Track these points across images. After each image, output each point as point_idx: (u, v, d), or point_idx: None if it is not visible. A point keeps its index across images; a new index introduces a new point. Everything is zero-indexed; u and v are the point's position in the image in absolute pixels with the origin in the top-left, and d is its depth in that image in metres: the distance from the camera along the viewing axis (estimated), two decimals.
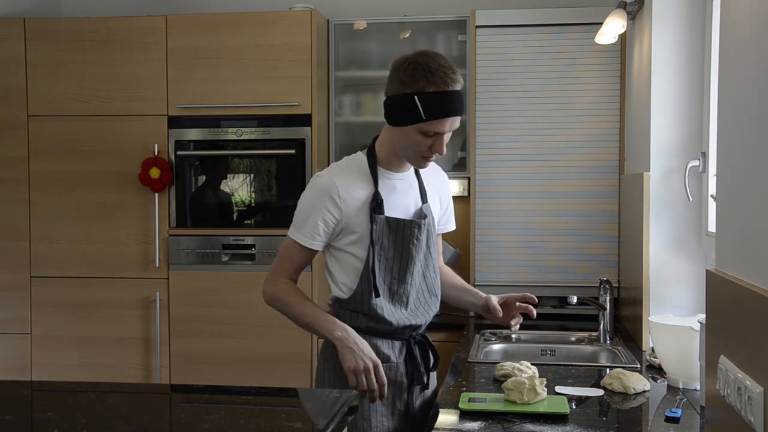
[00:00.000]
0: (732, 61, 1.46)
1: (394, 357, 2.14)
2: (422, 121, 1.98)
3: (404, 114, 2.00)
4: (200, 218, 3.62)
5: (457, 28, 3.69)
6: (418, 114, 1.97)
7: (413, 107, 1.97)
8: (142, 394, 1.97)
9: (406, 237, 2.12)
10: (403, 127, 2.02)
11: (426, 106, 1.97)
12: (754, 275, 1.30)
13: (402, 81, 2.00)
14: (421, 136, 2.01)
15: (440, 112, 1.97)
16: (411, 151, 2.06)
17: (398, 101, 2.01)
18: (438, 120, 1.98)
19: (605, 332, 2.86)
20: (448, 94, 1.98)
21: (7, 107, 3.63)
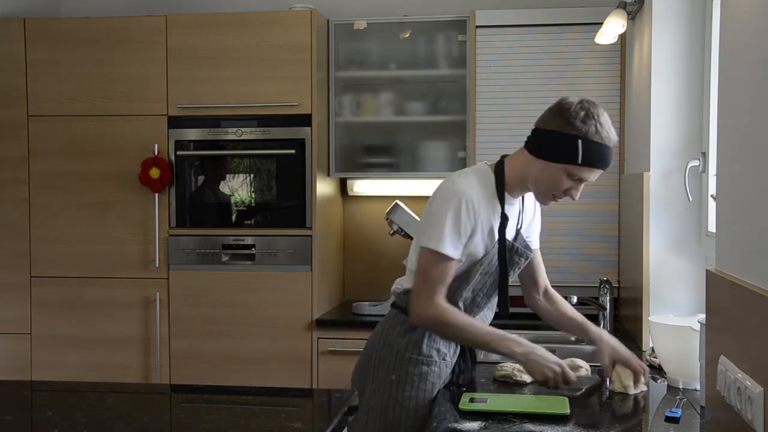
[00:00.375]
0: (732, 61, 1.46)
1: (449, 356, 2.22)
2: (575, 164, 2.04)
3: (559, 152, 2.05)
4: (200, 218, 3.62)
5: (457, 28, 3.69)
6: (575, 156, 2.03)
7: (573, 149, 2.02)
8: (142, 394, 1.97)
9: (512, 262, 2.22)
10: (552, 163, 2.07)
11: (585, 152, 2.02)
12: (754, 275, 1.30)
13: (569, 122, 2.03)
14: (566, 177, 2.07)
15: (595, 162, 2.04)
16: (546, 187, 2.11)
17: (559, 138, 2.05)
18: (589, 168, 2.05)
19: None
20: (608, 149, 2.05)
21: (7, 107, 3.63)
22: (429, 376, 2.17)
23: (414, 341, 2.18)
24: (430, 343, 2.18)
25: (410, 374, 2.16)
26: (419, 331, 2.18)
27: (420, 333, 2.18)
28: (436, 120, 3.72)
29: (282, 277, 3.52)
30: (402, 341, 2.19)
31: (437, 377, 2.19)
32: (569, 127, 2.03)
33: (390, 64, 3.75)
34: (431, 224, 2.11)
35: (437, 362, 2.19)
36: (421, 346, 2.17)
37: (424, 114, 3.71)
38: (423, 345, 2.17)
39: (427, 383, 2.17)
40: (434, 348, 2.18)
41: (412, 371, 2.16)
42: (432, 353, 2.18)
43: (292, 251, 3.51)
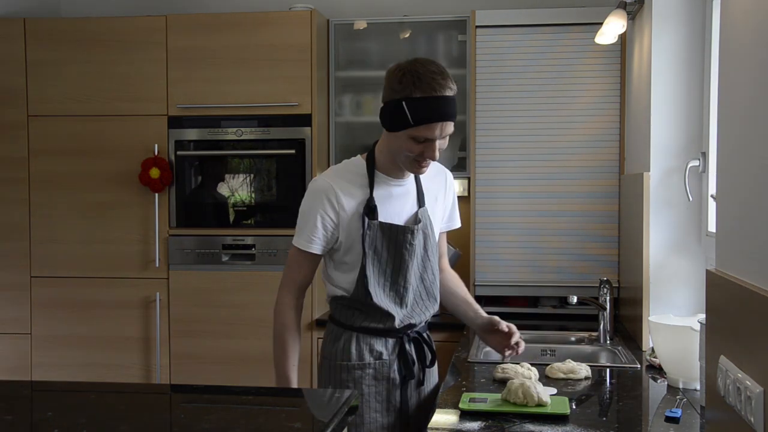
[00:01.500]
0: (732, 61, 1.46)
1: (386, 354, 2.17)
2: (411, 126, 1.99)
3: (395, 120, 2.01)
4: (200, 218, 3.62)
5: (457, 28, 3.69)
6: (407, 120, 1.98)
7: (402, 113, 1.98)
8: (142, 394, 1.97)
9: (399, 242, 2.14)
10: (395, 133, 2.03)
11: (414, 112, 1.97)
12: (754, 275, 1.30)
13: (392, 87, 2.02)
14: (412, 142, 2.02)
15: (428, 117, 1.98)
16: (404, 156, 2.06)
17: (389, 107, 2.03)
18: (426, 125, 1.99)
19: (605, 332, 2.86)
20: (436, 99, 1.98)
21: (7, 107, 3.63)
22: (364, 379, 2.14)
23: (342, 347, 2.16)
24: (360, 346, 2.15)
25: (344, 381, 2.14)
26: (345, 335, 2.17)
27: (347, 338, 2.16)
28: None
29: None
30: (332, 349, 2.18)
31: (373, 379, 2.15)
32: (393, 93, 2.01)
33: (390, 64, 3.72)
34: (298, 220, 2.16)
35: (371, 363, 2.15)
36: (350, 350, 2.15)
37: None
38: (351, 349, 2.15)
39: (363, 387, 2.14)
40: (365, 350, 2.15)
41: (345, 378, 2.14)
42: (364, 355, 2.15)
43: None
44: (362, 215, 2.10)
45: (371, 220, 2.10)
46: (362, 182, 2.13)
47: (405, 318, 2.18)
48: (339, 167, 2.20)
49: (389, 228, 2.13)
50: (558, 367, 2.35)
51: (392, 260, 2.14)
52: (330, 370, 2.18)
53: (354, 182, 2.13)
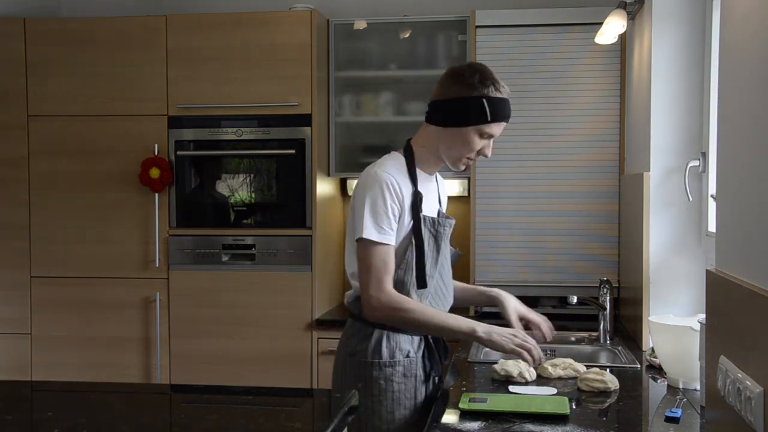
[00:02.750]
0: (732, 61, 1.46)
1: (413, 352, 2.21)
2: (486, 122, 2.13)
3: (468, 115, 2.14)
4: (200, 218, 3.62)
5: (457, 28, 3.69)
6: (484, 115, 2.12)
7: (480, 109, 2.12)
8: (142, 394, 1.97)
9: (439, 235, 2.24)
10: (461, 128, 2.15)
11: (492, 109, 2.13)
12: (754, 275, 1.30)
13: (470, 85, 2.13)
14: (478, 138, 2.16)
15: (502, 116, 2.16)
16: (459, 152, 2.18)
17: (463, 102, 2.14)
18: (498, 123, 2.16)
19: (605, 332, 2.86)
20: (508, 102, 2.18)
21: (7, 107, 3.63)
22: (394, 377, 2.17)
23: (373, 346, 2.18)
24: (390, 344, 2.18)
25: (375, 379, 2.16)
26: (376, 334, 2.18)
27: (377, 336, 2.18)
28: None
29: (282, 277, 3.52)
30: (362, 348, 2.19)
31: (402, 377, 2.19)
32: (471, 90, 2.13)
33: (390, 64, 3.75)
34: (357, 217, 2.14)
35: (401, 361, 2.19)
36: (381, 349, 2.17)
37: (424, 114, 3.70)
38: (383, 347, 2.18)
39: (393, 384, 2.17)
40: (396, 348, 2.19)
41: (377, 375, 2.16)
42: (395, 353, 2.18)
43: (292, 251, 3.51)
44: (414, 207, 2.17)
45: (422, 213, 2.19)
46: (405, 175, 2.20)
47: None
48: (386, 161, 2.23)
49: (431, 220, 2.23)
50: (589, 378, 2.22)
51: (431, 253, 2.22)
52: (357, 367, 2.19)
53: (402, 174, 2.19)
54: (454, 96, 2.15)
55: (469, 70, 2.16)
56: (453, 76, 2.18)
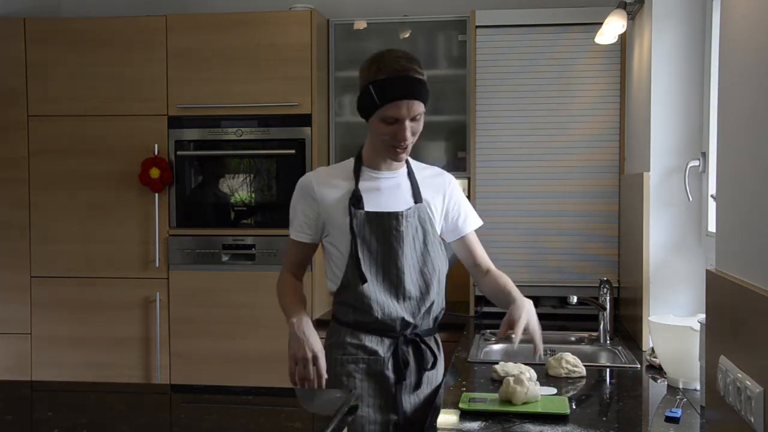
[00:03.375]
0: (732, 61, 1.46)
1: (382, 352, 2.20)
2: (378, 107, 2.06)
3: (366, 107, 2.11)
4: (200, 218, 3.62)
5: (457, 28, 3.69)
6: (374, 102, 2.06)
7: (370, 96, 2.07)
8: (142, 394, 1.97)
9: (386, 230, 2.18)
10: (370, 121, 2.13)
11: (379, 92, 2.05)
12: (754, 275, 1.30)
13: (362, 75, 2.12)
14: (384, 124, 2.09)
15: (392, 95, 2.04)
16: (378, 142, 2.15)
17: (361, 96, 2.11)
18: (392, 104, 2.05)
19: (605, 332, 2.86)
20: (400, 78, 2.05)
21: (7, 107, 3.63)
22: (356, 373, 2.18)
23: (339, 341, 2.22)
24: (353, 341, 2.20)
25: (338, 375, 2.19)
26: (343, 330, 2.23)
27: (344, 332, 2.22)
28: (436, 120, 3.72)
29: None
30: (331, 342, 2.25)
31: (365, 374, 2.18)
32: (362, 80, 2.11)
33: None
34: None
35: (365, 359, 2.19)
36: (345, 345, 2.21)
37: (424, 114, 3.70)
38: (346, 344, 2.21)
39: (354, 380, 2.17)
40: (359, 345, 2.20)
41: (339, 372, 2.19)
42: (357, 351, 2.20)
43: None
44: (348, 205, 2.18)
45: (357, 209, 2.17)
46: (348, 176, 2.23)
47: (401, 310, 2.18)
48: (329, 166, 2.39)
49: (375, 216, 2.18)
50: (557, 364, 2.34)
51: (382, 249, 2.18)
52: (330, 361, 2.20)
53: (339, 176, 2.24)
54: (359, 91, 2.13)
55: (365, 60, 2.14)
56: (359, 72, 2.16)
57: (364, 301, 2.17)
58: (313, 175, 2.27)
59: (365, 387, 2.18)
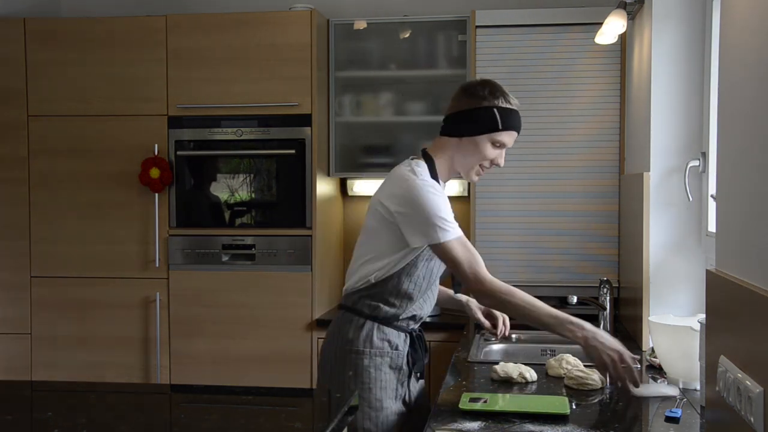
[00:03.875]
0: (732, 61, 1.46)
1: (401, 345, 2.32)
2: (497, 130, 2.26)
3: (480, 125, 2.26)
4: (200, 218, 3.62)
5: (457, 28, 3.69)
6: (495, 124, 2.25)
7: (492, 118, 2.25)
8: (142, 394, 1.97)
9: None
10: (475, 137, 2.27)
11: (503, 118, 2.26)
12: (754, 275, 1.30)
13: (481, 96, 2.27)
14: (491, 146, 2.28)
15: (513, 125, 2.29)
16: (473, 161, 2.30)
17: (476, 113, 2.26)
18: (509, 132, 2.28)
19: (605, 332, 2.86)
20: (518, 113, 2.31)
21: (7, 107, 3.63)
22: (383, 366, 2.28)
23: (365, 336, 2.28)
24: (381, 336, 2.29)
25: (365, 367, 2.27)
26: (368, 326, 2.29)
27: (369, 328, 2.29)
28: (436, 120, 3.69)
29: (282, 277, 3.52)
30: (354, 338, 2.29)
31: (389, 367, 2.29)
32: (482, 101, 2.27)
33: (390, 64, 3.75)
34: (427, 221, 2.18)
35: (389, 353, 2.29)
36: (372, 339, 2.28)
37: (424, 114, 3.71)
38: (374, 338, 2.28)
39: (382, 373, 2.27)
40: (385, 340, 2.29)
41: (368, 364, 2.27)
42: (384, 345, 2.29)
43: (292, 251, 3.51)
44: None
45: None
46: None
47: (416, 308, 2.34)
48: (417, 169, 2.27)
49: None
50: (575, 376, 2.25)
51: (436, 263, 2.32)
52: (349, 356, 2.28)
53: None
54: (467, 107, 2.28)
55: (480, 84, 2.30)
56: (465, 90, 2.32)
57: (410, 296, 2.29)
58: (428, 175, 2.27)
59: (390, 379, 2.29)
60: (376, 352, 2.28)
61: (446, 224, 2.18)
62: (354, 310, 2.33)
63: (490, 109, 2.26)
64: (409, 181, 2.22)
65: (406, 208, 2.20)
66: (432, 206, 2.18)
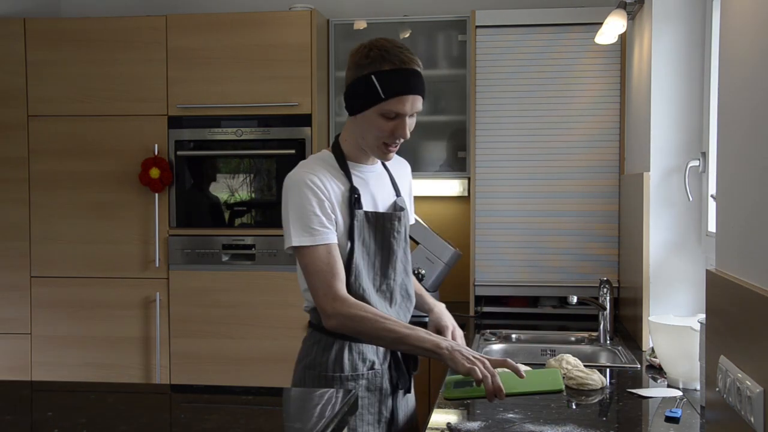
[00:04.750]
0: (732, 61, 1.46)
1: (378, 363, 2.06)
2: (381, 100, 1.91)
3: (363, 98, 1.94)
4: (200, 218, 3.62)
5: (457, 28, 3.69)
6: (377, 94, 1.91)
7: (372, 88, 1.91)
8: (142, 394, 1.97)
9: (386, 230, 2.05)
10: (364, 112, 1.96)
11: (384, 85, 1.91)
12: (754, 275, 1.30)
13: (358, 64, 1.95)
14: (383, 119, 1.94)
15: (399, 89, 1.91)
16: (372, 138, 1.98)
17: (356, 85, 1.95)
18: (397, 98, 1.91)
19: (605, 332, 2.86)
20: (406, 71, 1.92)
21: (7, 107, 3.63)
22: (358, 391, 2.00)
23: (334, 358, 2.01)
24: (353, 356, 2.01)
25: None
26: (337, 345, 2.02)
27: (338, 347, 2.01)
28: (436, 120, 3.72)
29: (282, 277, 3.52)
30: (322, 360, 2.02)
31: (366, 390, 2.03)
32: (360, 69, 1.94)
33: None
34: (286, 224, 1.97)
35: (364, 374, 2.03)
36: (342, 361, 2.01)
37: (424, 114, 3.71)
38: (344, 360, 2.01)
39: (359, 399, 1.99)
40: (359, 359, 2.02)
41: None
42: (357, 366, 2.02)
43: (291, 251, 3.51)
44: (350, 205, 1.99)
45: (357, 209, 1.99)
46: (337, 173, 2.02)
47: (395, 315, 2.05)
48: (309, 161, 2.05)
49: (374, 216, 2.03)
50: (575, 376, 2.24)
51: (380, 252, 2.04)
52: (317, 381, 2.03)
53: (330, 172, 2.01)
54: (350, 80, 1.97)
55: (359, 49, 1.97)
56: (348, 60, 1.99)
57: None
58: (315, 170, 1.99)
59: (365, 404, 2.03)
60: (348, 376, 2.00)
61: (306, 224, 1.91)
62: (319, 327, 2.03)
63: (368, 78, 1.91)
64: (285, 179, 2.00)
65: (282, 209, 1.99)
66: (295, 206, 1.93)
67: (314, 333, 2.07)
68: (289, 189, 1.98)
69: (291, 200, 1.96)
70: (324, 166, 2.02)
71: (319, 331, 2.05)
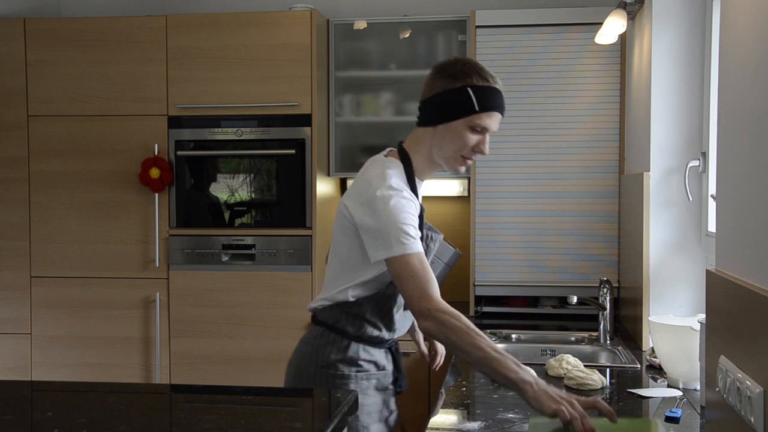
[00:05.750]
0: (732, 61, 1.46)
1: (387, 365, 2.15)
2: (474, 113, 1.97)
3: (455, 108, 1.99)
4: (200, 218, 3.62)
5: (457, 28, 3.69)
6: (471, 106, 1.97)
7: (466, 99, 1.97)
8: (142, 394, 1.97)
9: (429, 251, 2.12)
10: (451, 122, 2.00)
11: (479, 98, 1.97)
12: (754, 275, 1.30)
13: (453, 76, 2.00)
14: (469, 131, 1.99)
15: (491, 104, 1.98)
16: (454, 149, 2.01)
17: (448, 95, 1.99)
18: (488, 113, 1.98)
19: (605, 332, 2.86)
20: (498, 91, 2.01)
21: (7, 107, 3.63)
22: (369, 390, 2.08)
23: (349, 358, 2.07)
24: (366, 356, 2.08)
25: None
26: (352, 346, 2.07)
27: (354, 348, 2.07)
28: None
29: (282, 277, 3.52)
30: (337, 360, 2.07)
31: (375, 390, 2.10)
32: (453, 81, 1.99)
33: (390, 64, 3.75)
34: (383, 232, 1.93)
35: (376, 374, 2.10)
36: (357, 361, 2.07)
37: None
38: (360, 360, 2.07)
39: (368, 397, 2.07)
40: (371, 361, 2.10)
41: (353, 388, 2.05)
42: (370, 367, 2.09)
43: (292, 251, 3.51)
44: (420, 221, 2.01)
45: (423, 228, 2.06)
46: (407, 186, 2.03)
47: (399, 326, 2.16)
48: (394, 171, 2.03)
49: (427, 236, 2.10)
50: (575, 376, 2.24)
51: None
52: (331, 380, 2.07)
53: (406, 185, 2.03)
54: (438, 90, 2.01)
55: (452, 62, 2.03)
56: (437, 71, 2.05)
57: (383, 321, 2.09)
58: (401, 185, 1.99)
59: (374, 403, 2.09)
60: (363, 375, 2.07)
61: (406, 237, 1.90)
62: (336, 329, 2.09)
63: (463, 90, 1.97)
64: (375, 188, 1.96)
65: (367, 218, 1.95)
66: (393, 217, 1.91)
67: (327, 333, 2.10)
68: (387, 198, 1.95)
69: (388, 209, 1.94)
70: (402, 178, 2.04)
71: (333, 332, 2.09)
